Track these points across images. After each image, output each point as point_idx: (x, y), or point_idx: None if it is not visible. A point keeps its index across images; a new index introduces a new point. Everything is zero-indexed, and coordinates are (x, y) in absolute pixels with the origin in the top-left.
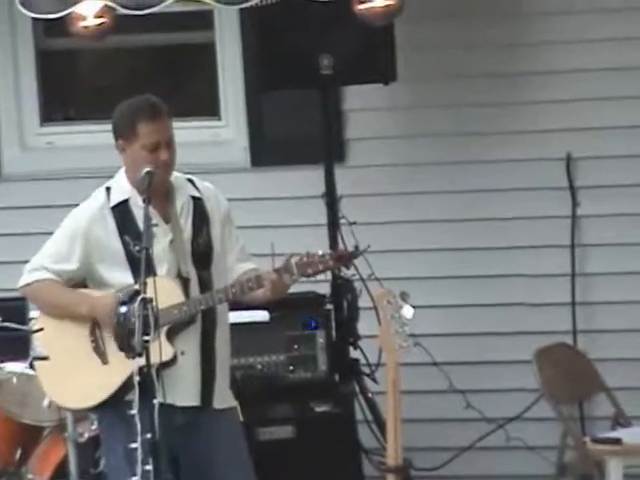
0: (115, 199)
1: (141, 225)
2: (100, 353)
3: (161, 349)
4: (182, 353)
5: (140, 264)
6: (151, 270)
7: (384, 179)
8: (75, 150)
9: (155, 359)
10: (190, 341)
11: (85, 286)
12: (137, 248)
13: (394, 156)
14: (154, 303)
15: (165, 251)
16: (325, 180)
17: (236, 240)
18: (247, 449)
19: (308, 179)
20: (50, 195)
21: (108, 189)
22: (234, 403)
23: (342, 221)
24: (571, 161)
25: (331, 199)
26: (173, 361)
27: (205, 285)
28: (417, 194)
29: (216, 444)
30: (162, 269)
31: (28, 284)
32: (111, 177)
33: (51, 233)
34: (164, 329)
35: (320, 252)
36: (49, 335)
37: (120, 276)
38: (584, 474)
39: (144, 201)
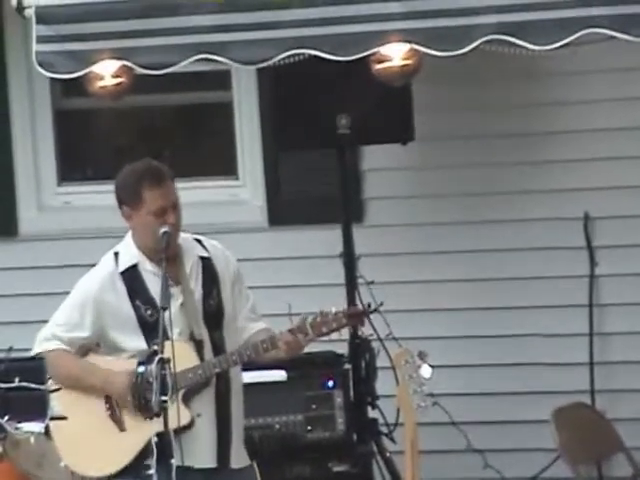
0: (124, 264)
1: (151, 289)
2: (116, 420)
3: (179, 413)
4: (198, 415)
5: (152, 328)
6: (164, 333)
7: (402, 239)
8: (92, 210)
9: (173, 424)
10: (205, 403)
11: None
12: (149, 312)
13: (412, 216)
14: (171, 364)
15: (176, 314)
16: (343, 239)
17: (246, 299)
18: None
19: (326, 239)
20: (67, 255)
21: (116, 254)
22: (249, 462)
23: (360, 280)
24: (589, 220)
25: (349, 258)
26: (190, 425)
27: (218, 346)
28: (435, 254)
29: None
30: (174, 332)
31: (40, 354)
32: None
33: (68, 293)
34: (180, 393)
35: (333, 310)
36: (64, 402)
37: (132, 341)
38: None
39: (161, 260)
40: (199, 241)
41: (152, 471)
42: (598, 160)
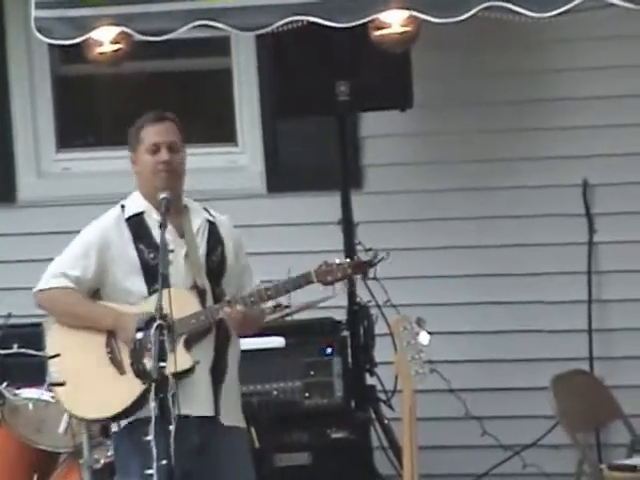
0: (130, 212)
1: (156, 236)
2: (117, 363)
3: (176, 358)
4: (197, 362)
5: (154, 271)
6: (166, 283)
7: (400, 205)
8: (91, 176)
9: (172, 368)
10: (205, 351)
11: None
12: (152, 256)
13: (410, 182)
14: (169, 314)
15: (180, 264)
16: (341, 206)
17: (251, 273)
18: (251, 470)
19: (324, 205)
20: (66, 221)
21: (122, 206)
22: (242, 424)
23: (358, 247)
24: (588, 187)
25: (347, 225)
26: (191, 370)
27: (218, 300)
28: (433, 221)
29: (220, 464)
30: (177, 279)
31: (47, 289)
32: None
33: None
34: (182, 339)
35: (337, 260)
36: (64, 342)
37: (134, 284)
38: None
39: (160, 226)
40: (206, 209)
41: (150, 437)
42: (597, 127)
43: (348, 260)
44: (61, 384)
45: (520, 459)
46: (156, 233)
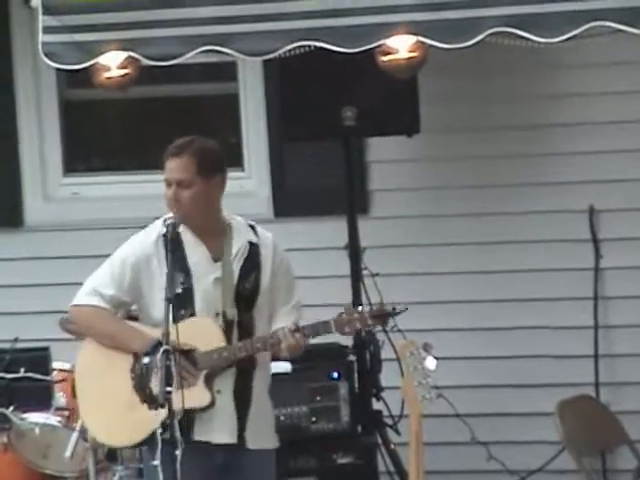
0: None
1: (188, 258)
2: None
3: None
4: (218, 392)
5: (180, 298)
6: (189, 306)
7: (407, 230)
8: (98, 201)
9: (193, 404)
10: (226, 380)
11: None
12: (180, 280)
13: (417, 208)
14: (194, 348)
15: (208, 289)
16: (348, 231)
17: (288, 295)
18: None
19: (331, 230)
20: (73, 246)
21: (165, 220)
22: (270, 445)
23: (365, 272)
24: (594, 213)
25: (354, 250)
26: (210, 406)
27: (244, 328)
28: (440, 246)
29: None
30: (203, 306)
31: (82, 305)
32: (134, 227)
33: (73, 284)
34: (203, 373)
35: (359, 308)
36: (92, 362)
37: (160, 309)
38: None
39: (166, 253)
40: (252, 227)
41: (157, 462)
42: (604, 153)
43: (368, 309)
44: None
45: None
46: (189, 255)
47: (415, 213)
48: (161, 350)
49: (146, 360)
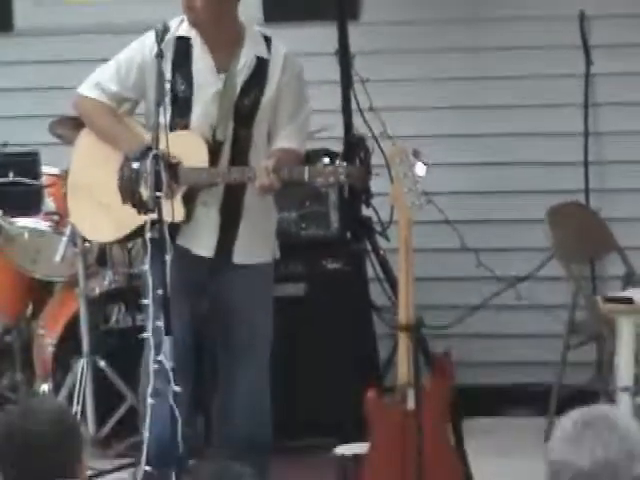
0: (183, 31)
1: (193, 66)
2: None
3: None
4: (204, 203)
5: (180, 104)
6: (186, 115)
7: (398, 36)
8: (89, 5)
9: (167, 218)
10: (215, 193)
11: None
12: (182, 87)
13: (408, 12)
14: (179, 160)
15: (207, 101)
16: (338, 37)
17: (294, 112)
18: (268, 305)
19: (321, 36)
20: (64, 50)
21: (182, 20)
22: (263, 259)
23: (355, 78)
24: (585, 19)
25: (344, 56)
26: (185, 222)
27: (240, 145)
28: (431, 52)
29: (234, 297)
30: (198, 121)
31: (83, 96)
32: (126, 33)
33: (63, 88)
34: (182, 188)
35: (337, 163)
36: (86, 155)
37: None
38: (595, 333)
39: (156, 56)
40: (267, 39)
41: (146, 267)
42: None
43: (345, 165)
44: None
45: (515, 291)
46: (194, 62)
47: (406, 18)
48: (151, 155)
49: (135, 165)
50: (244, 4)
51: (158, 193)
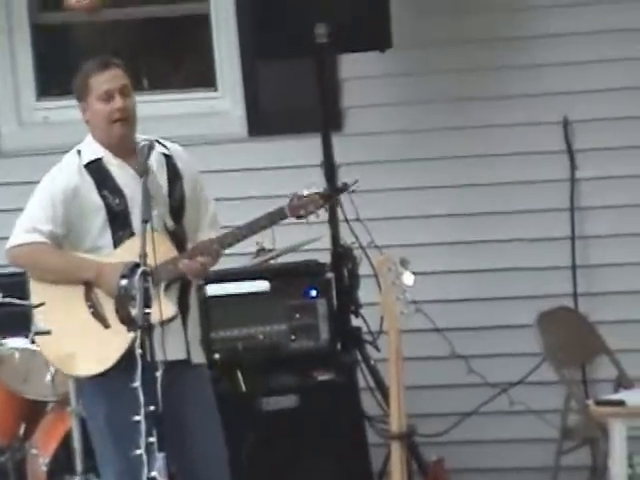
0: (87, 157)
1: (118, 180)
2: (99, 317)
3: (161, 307)
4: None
5: (119, 217)
6: (127, 226)
7: (381, 146)
8: (71, 125)
9: (157, 318)
10: (172, 293)
11: None
12: (117, 201)
13: (391, 123)
14: (151, 262)
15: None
16: (323, 149)
17: (207, 204)
18: (215, 405)
19: (305, 148)
20: (48, 170)
21: (79, 151)
22: (204, 360)
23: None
24: (568, 124)
25: (329, 168)
26: (176, 316)
27: (179, 240)
28: (414, 161)
29: (188, 399)
30: (139, 224)
31: (23, 244)
32: None
33: None
34: (162, 285)
35: (306, 192)
36: (46, 299)
37: (99, 231)
38: (588, 437)
39: (140, 176)
40: (157, 141)
41: (137, 384)
42: (578, 64)
43: (317, 191)
44: (47, 332)
45: (507, 397)
46: (117, 177)
47: (389, 129)
48: (139, 272)
49: (123, 282)
50: (228, 121)
51: (147, 310)
